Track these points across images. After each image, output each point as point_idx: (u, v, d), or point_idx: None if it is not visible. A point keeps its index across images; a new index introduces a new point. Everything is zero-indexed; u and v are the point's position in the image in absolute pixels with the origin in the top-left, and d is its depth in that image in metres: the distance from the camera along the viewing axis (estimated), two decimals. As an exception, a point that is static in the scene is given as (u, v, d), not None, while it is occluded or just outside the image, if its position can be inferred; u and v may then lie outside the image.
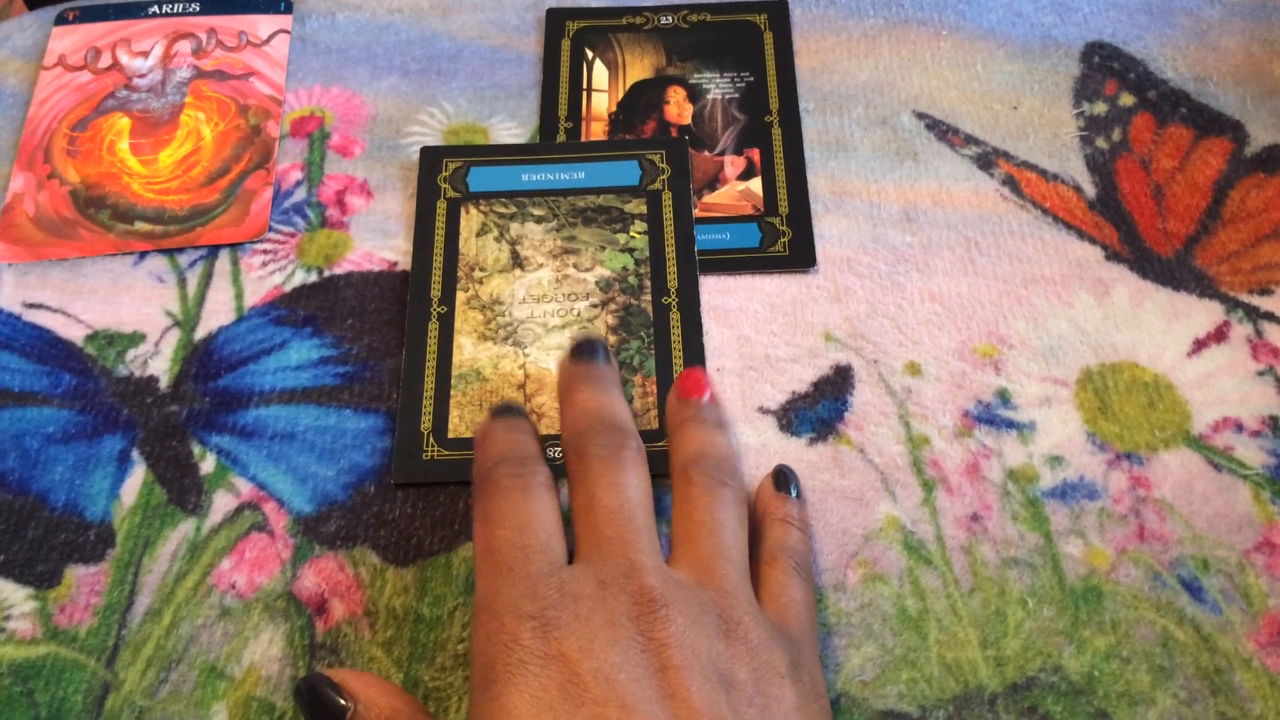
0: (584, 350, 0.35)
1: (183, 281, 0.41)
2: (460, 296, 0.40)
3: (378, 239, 0.42)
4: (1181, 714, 0.32)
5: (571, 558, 0.30)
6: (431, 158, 0.43)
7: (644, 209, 0.41)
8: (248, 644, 0.33)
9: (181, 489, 0.36)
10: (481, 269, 0.40)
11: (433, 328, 0.39)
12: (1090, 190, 0.42)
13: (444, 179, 0.42)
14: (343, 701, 0.28)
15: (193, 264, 0.41)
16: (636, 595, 0.27)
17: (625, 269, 0.40)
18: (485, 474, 0.31)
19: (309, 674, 0.30)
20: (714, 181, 0.43)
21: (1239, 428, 0.36)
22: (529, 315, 0.39)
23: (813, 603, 0.32)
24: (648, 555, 0.29)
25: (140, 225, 0.42)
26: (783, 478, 0.35)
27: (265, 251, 0.42)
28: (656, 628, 0.27)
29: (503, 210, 0.41)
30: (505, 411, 0.33)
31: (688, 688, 0.26)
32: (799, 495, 0.35)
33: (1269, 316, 0.39)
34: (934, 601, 0.34)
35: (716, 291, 0.40)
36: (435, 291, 0.40)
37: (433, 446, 0.37)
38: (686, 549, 0.31)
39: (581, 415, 0.33)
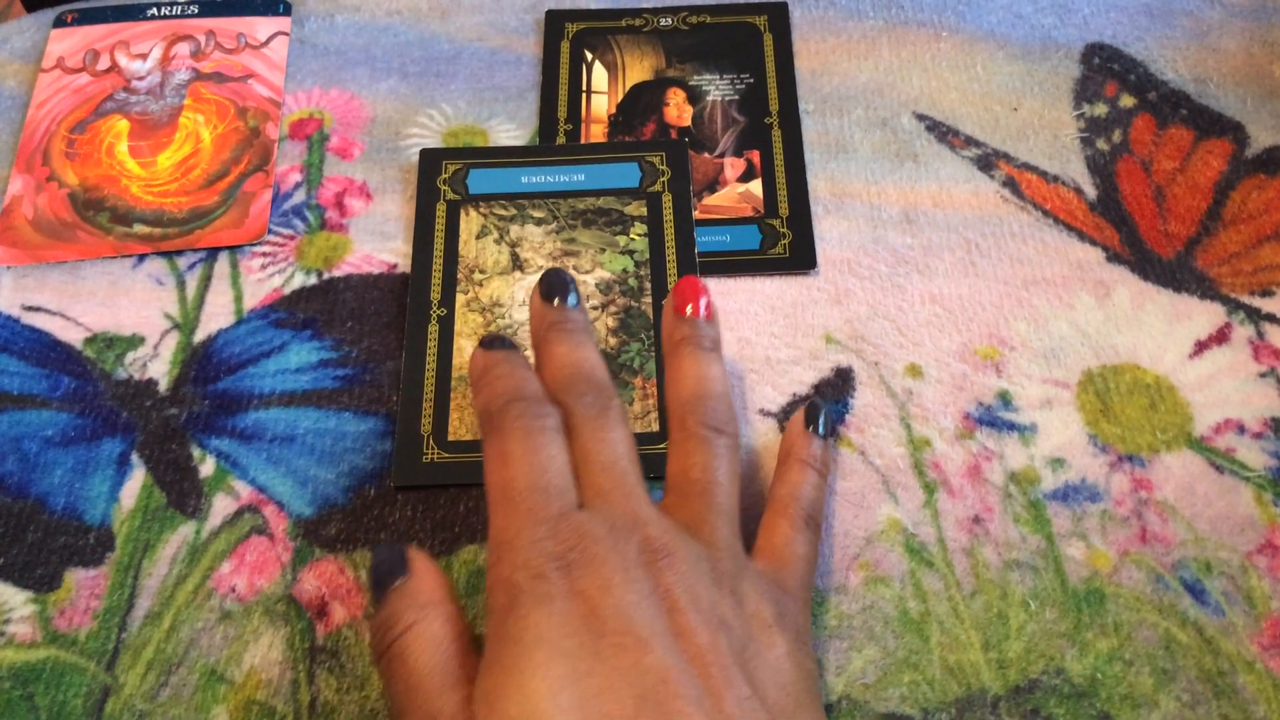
0: (555, 288, 0.34)
1: (182, 284, 0.41)
2: (460, 299, 0.39)
3: (377, 241, 0.42)
4: (1184, 716, 0.31)
5: None
6: (431, 160, 0.43)
7: (644, 211, 0.41)
8: (248, 647, 0.33)
9: (181, 492, 0.36)
10: (481, 271, 0.40)
11: (432, 330, 0.39)
12: (1091, 192, 0.42)
13: (443, 181, 0.42)
14: (394, 571, 0.30)
15: (192, 266, 0.41)
16: (642, 544, 0.29)
17: (625, 271, 0.40)
18: (497, 412, 0.31)
19: (395, 544, 0.32)
20: (714, 183, 0.43)
21: (1241, 429, 0.36)
22: (529, 318, 0.39)
23: (813, 557, 0.33)
24: (646, 507, 0.30)
25: (139, 228, 0.42)
26: (813, 412, 0.35)
27: (264, 254, 0.41)
28: (663, 574, 0.28)
29: (502, 212, 0.41)
30: (498, 343, 0.33)
31: (693, 627, 0.27)
32: (827, 433, 0.35)
33: (1270, 318, 0.39)
34: (936, 604, 0.34)
35: (717, 293, 0.40)
36: (435, 294, 0.40)
37: (433, 449, 0.36)
38: (679, 502, 0.31)
39: (561, 371, 0.33)
